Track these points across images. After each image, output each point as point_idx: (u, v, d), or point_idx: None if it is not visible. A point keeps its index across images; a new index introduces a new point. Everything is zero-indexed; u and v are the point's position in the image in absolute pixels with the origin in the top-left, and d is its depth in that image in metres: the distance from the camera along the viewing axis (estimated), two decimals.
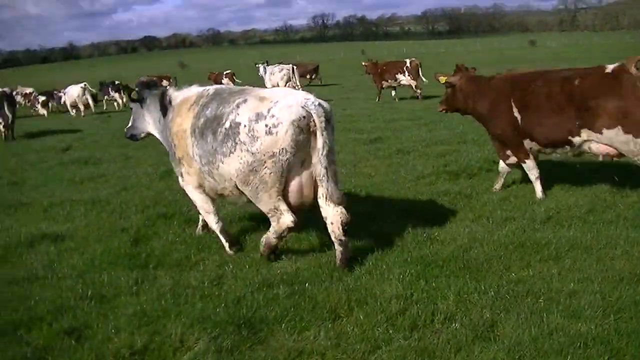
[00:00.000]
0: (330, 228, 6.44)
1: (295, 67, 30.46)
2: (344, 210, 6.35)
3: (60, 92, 35.50)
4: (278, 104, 6.19)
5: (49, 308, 5.70)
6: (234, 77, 42.45)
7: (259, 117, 6.15)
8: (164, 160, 13.77)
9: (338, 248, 6.42)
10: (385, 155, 12.87)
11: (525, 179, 9.17)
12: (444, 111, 9.82)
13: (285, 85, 27.31)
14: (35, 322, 5.45)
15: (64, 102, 33.66)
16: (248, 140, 6.17)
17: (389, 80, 27.54)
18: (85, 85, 32.08)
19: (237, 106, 6.37)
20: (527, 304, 5.30)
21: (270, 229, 6.54)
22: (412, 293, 5.60)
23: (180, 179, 7.39)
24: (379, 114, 21.50)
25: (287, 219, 6.34)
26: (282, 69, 29.51)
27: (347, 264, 6.37)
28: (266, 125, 6.09)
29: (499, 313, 5.15)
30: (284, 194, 6.39)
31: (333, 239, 6.45)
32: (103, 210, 9.41)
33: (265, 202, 6.40)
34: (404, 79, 26.94)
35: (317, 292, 5.79)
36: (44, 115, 34.27)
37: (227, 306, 5.55)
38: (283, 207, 6.36)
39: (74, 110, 32.09)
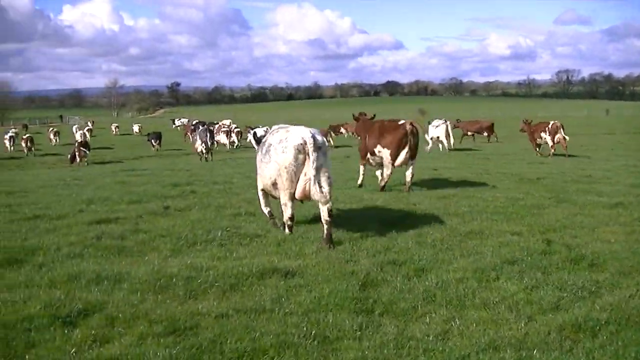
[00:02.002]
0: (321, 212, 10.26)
1: (449, 122, 37.43)
2: (329, 202, 10.12)
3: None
4: (290, 135, 10.39)
5: (272, 342, 6.00)
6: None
7: (280, 142, 10.41)
8: (400, 208, 13.90)
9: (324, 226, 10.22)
10: (626, 221, 11.96)
11: None
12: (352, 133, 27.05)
13: (438, 137, 36.21)
14: (258, 355, 5.78)
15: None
16: (275, 155, 10.43)
17: (537, 139, 31.91)
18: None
19: (272, 134, 10.94)
20: None
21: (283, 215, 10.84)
22: None
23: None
24: (621, 176, 20.29)
25: (288, 213, 10.62)
26: (438, 124, 36.94)
27: (329, 241, 9.97)
28: (282, 147, 10.31)
29: None
30: (295, 191, 10.38)
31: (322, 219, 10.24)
32: (334, 250, 9.73)
33: (282, 198, 10.59)
34: (546, 138, 31.08)
35: None
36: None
37: None
38: (289, 204, 10.55)
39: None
